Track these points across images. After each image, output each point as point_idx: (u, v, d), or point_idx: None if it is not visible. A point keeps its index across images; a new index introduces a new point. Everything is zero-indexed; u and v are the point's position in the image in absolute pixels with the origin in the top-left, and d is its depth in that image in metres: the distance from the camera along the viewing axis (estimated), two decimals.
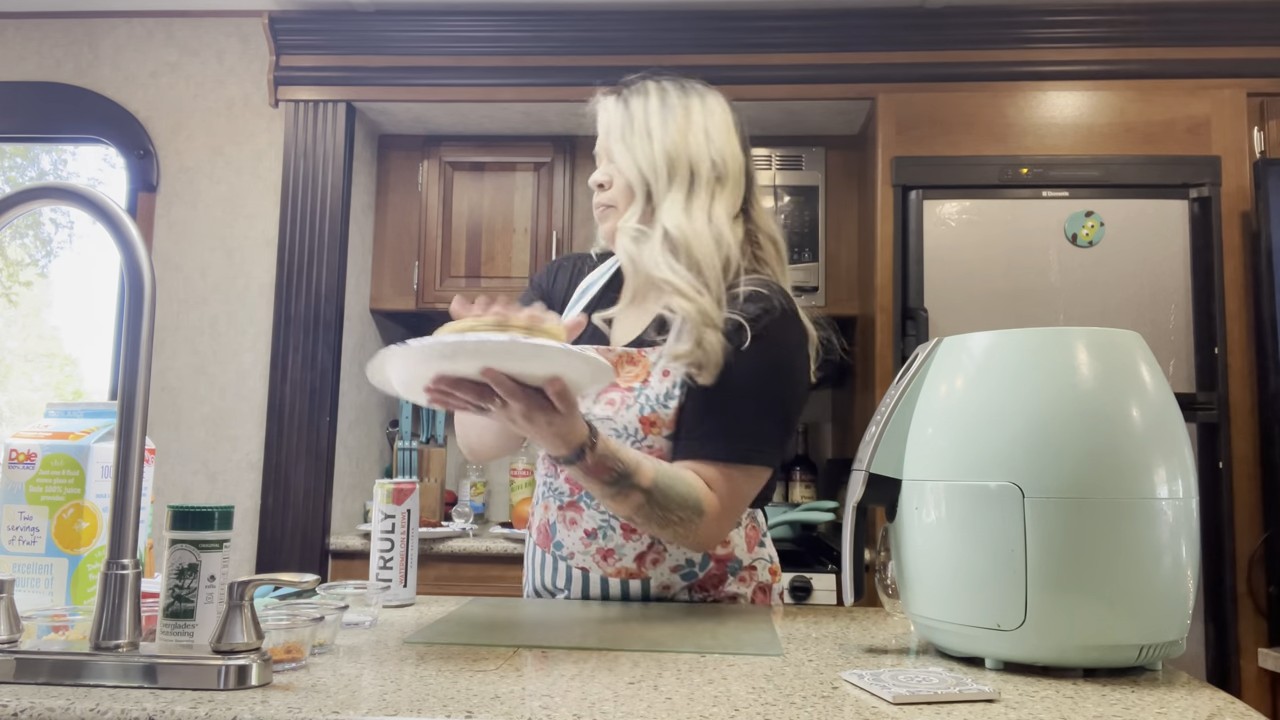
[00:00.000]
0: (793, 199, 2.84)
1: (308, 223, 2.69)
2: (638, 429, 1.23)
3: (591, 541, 1.27)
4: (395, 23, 2.71)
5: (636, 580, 1.26)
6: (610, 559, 1.27)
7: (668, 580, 1.27)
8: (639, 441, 1.23)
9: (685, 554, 1.27)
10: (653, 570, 1.27)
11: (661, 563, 1.26)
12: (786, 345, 1.25)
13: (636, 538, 1.26)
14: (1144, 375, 0.90)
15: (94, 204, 0.88)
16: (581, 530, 1.28)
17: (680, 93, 1.34)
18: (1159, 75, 2.55)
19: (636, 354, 1.27)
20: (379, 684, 0.80)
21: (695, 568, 1.28)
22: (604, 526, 1.27)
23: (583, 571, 1.28)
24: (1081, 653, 0.86)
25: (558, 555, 1.30)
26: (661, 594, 1.28)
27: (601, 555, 1.27)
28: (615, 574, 1.27)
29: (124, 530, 0.85)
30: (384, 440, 3.06)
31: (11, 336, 3.82)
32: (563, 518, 1.30)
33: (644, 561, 1.26)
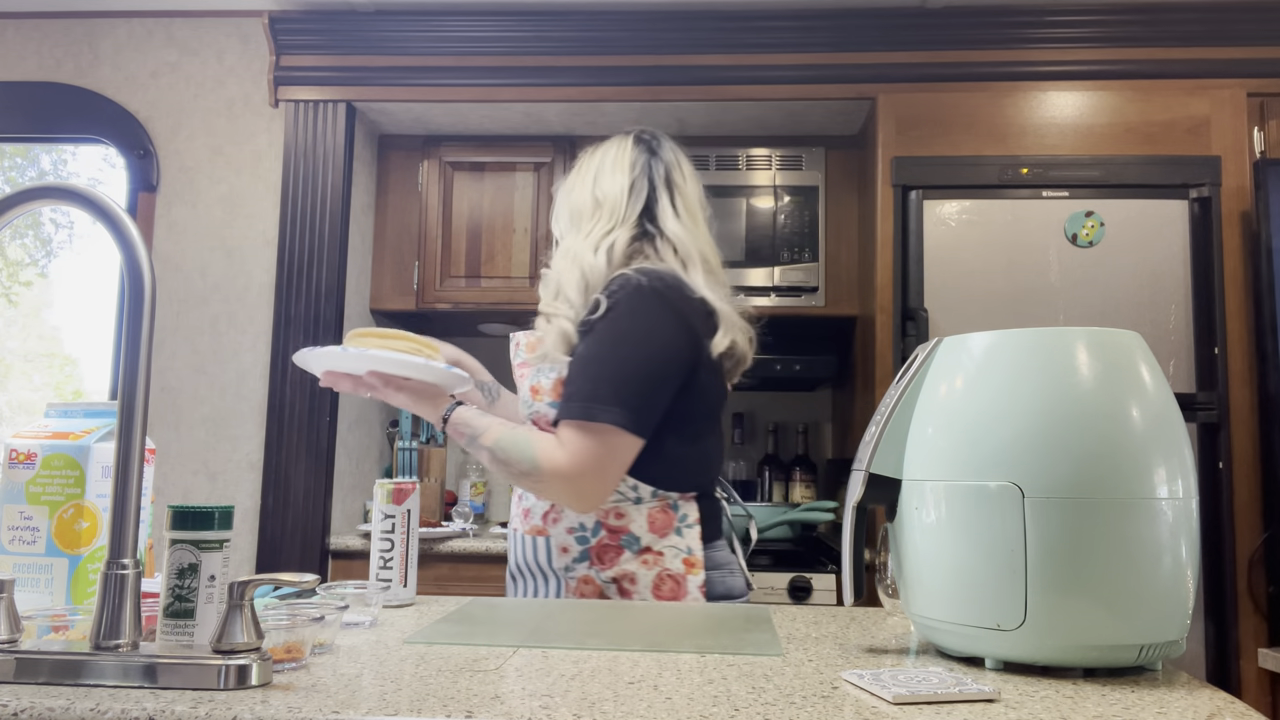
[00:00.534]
0: (793, 199, 2.84)
1: (308, 223, 2.69)
2: (528, 395, 1.45)
3: (518, 504, 1.49)
4: (395, 23, 2.71)
5: (542, 537, 1.44)
6: (528, 517, 1.47)
7: (564, 541, 1.43)
8: (530, 407, 1.44)
9: (577, 518, 1.42)
10: (552, 528, 1.43)
11: (560, 522, 1.43)
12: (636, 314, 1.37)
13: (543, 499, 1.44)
14: (1144, 375, 0.90)
15: (94, 204, 0.88)
16: (516, 495, 1.51)
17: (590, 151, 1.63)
18: (1159, 75, 2.55)
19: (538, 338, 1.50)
20: (379, 684, 0.80)
21: (587, 533, 1.42)
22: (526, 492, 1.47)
23: (514, 531, 1.49)
24: (1081, 653, 0.86)
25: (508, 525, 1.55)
26: (562, 555, 1.43)
27: (523, 514, 1.48)
28: (530, 531, 1.46)
29: (124, 530, 0.85)
30: (384, 440, 3.06)
31: (11, 336, 3.82)
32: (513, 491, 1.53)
33: (547, 519, 1.44)
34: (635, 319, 1.36)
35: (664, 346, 1.37)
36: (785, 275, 2.80)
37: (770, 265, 2.80)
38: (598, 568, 1.41)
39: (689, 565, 1.41)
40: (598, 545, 1.41)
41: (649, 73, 2.69)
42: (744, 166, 2.86)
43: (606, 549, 1.41)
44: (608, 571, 1.40)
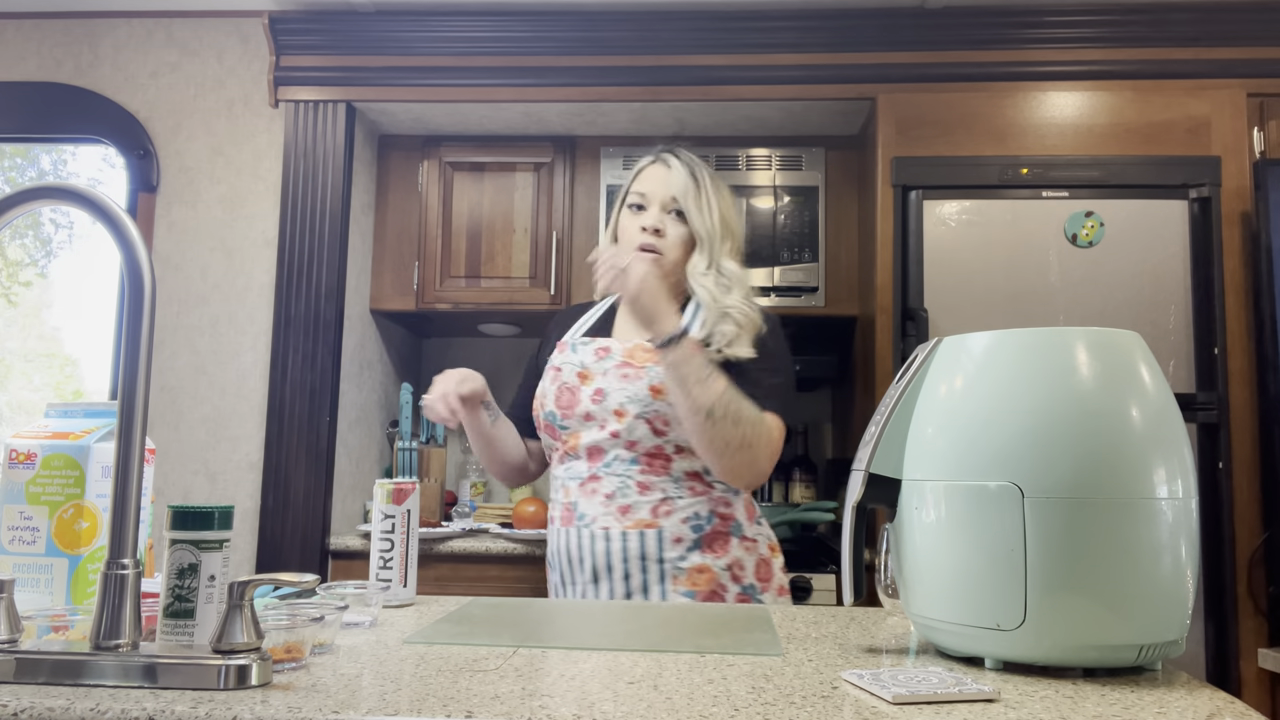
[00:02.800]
0: (793, 199, 2.84)
1: (308, 223, 2.69)
2: (646, 395, 1.49)
3: (611, 502, 1.50)
4: (395, 23, 2.71)
5: (652, 530, 1.48)
6: (628, 514, 1.49)
7: (679, 531, 1.48)
8: (649, 405, 1.49)
9: (692, 506, 1.50)
10: (665, 521, 1.48)
11: (673, 514, 1.49)
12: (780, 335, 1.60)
13: (649, 493, 1.49)
14: (1144, 375, 0.90)
15: (94, 204, 0.88)
16: (602, 495, 1.51)
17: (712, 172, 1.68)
18: (1159, 75, 2.55)
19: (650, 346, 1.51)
20: (379, 684, 0.80)
21: (702, 521, 1.50)
22: (621, 487, 1.50)
23: (604, 530, 1.49)
24: (1081, 653, 0.86)
25: (580, 525, 1.52)
26: (675, 546, 1.48)
27: (621, 512, 1.49)
28: (633, 526, 1.48)
29: (124, 530, 0.85)
30: (384, 440, 3.06)
31: (11, 336, 3.82)
32: (583, 491, 1.53)
33: (657, 513, 1.49)
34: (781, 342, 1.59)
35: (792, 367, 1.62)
36: (785, 275, 2.80)
37: (770, 265, 2.80)
38: (711, 556, 1.49)
39: (772, 549, 1.59)
40: (710, 533, 1.50)
41: (649, 73, 2.69)
42: (744, 166, 2.86)
43: (717, 536, 1.51)
44: (722, 559, 1.50)
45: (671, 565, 1.48)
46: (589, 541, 1.51)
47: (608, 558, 1.49)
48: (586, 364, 1.57)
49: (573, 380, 1.57)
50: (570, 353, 1.61)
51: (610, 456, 1.52)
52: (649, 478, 1.50)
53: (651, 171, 1.65)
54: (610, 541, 1.49)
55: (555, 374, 1.60)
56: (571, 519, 1.53)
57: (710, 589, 1.48)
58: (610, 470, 1.52)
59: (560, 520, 1.56)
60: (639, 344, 1.55)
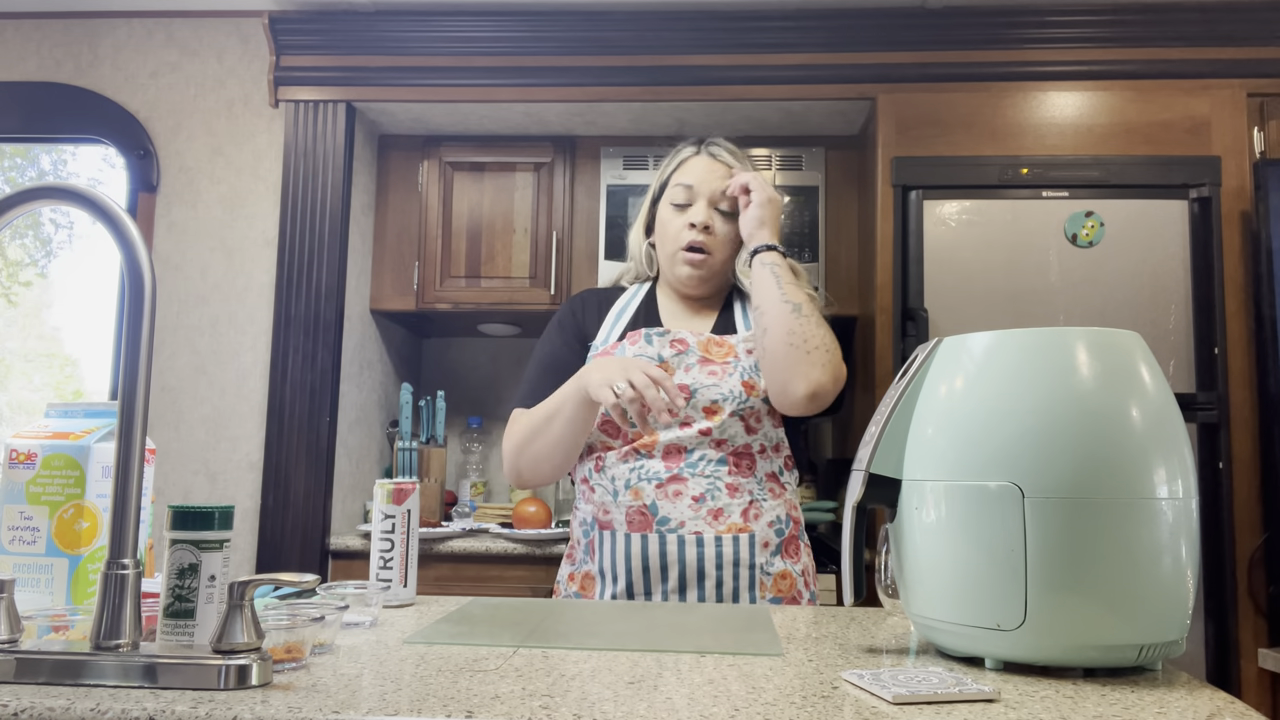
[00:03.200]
0: (793, 199, 2.84)
1: (308, 223, 2.69)
2: (740, 391, 1.44)
3: (700, 505, 1.41)
4: (395, 23, 2.71)
5: (745, 535, 1.41)
6: (720, 518, 1.41)
7: (766, 535, 1.43)
8: (743, 401, 1.44)
9: (775, 510, 1.45)
10: (755, 524, 1.42)
11: (761, 517, 1.43)
12: None
13: (739, 495, 1.43)
14: (1144, 375, 0.90)
15: (94, 204, 0.88)
16: (689, 498, 1.41)
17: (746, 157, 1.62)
18: (1159, 75, 2.55)
19: (721, 339, 1.50)
20: (379, 684, 0.80)
21: (783, 525, 1.46)
22: (710, 490, 1.42)
23: (696, 536, 1.40)
24: (1081, 653, 0.86)
25: (664, 531, 1.41)
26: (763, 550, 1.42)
27: (712, 515, 1.41)
28: (726, 531, 1.41)
29: (124, 530, 0.85)
30: (384, 440, 3.06)
31: (11, 336, 3.82)
32: (664, 493, 1.42)
33: (747, 516, 1.42)
34: None
35: None
36: None
37: None
38: (790, 561, 1.46)
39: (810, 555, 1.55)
40: (789, 537, 1.47)
41: (649, 73, 2.69)
42: None
43: (792, 540, 1.48)
44: (798, 565, 1.47)
45: (761, 570, 1.42)
46: (677, 548, 1.40)
47: (700, 564, 1.39)
48: (665, 357, 1.47)
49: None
50: (645, 344, 1.49)
51: (696, 456, 1.43)
52: (737, 479, 1.43)
53: (697, 163, 1.56)
54: (704, 547, 1.40)
55: None
56: (650, 523, 1.41)
57: (790, 595, 1.45)
58: (696, 471, 1.42)
59: (627, 525, 1.43)
60: (711, 338, 1.49)
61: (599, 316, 1.59)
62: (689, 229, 1.51)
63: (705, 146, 1.58)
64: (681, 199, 1.54)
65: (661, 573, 1.40)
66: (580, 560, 1.52)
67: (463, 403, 3.25)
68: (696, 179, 1.54)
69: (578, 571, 1.52)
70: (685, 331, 1.51)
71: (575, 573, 1.52)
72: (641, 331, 1.51)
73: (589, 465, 1.50)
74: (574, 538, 1.56)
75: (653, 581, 1.41)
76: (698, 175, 1.54)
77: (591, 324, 1.59)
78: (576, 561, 1.53)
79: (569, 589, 1.52)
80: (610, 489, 1.45)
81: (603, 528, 1.45)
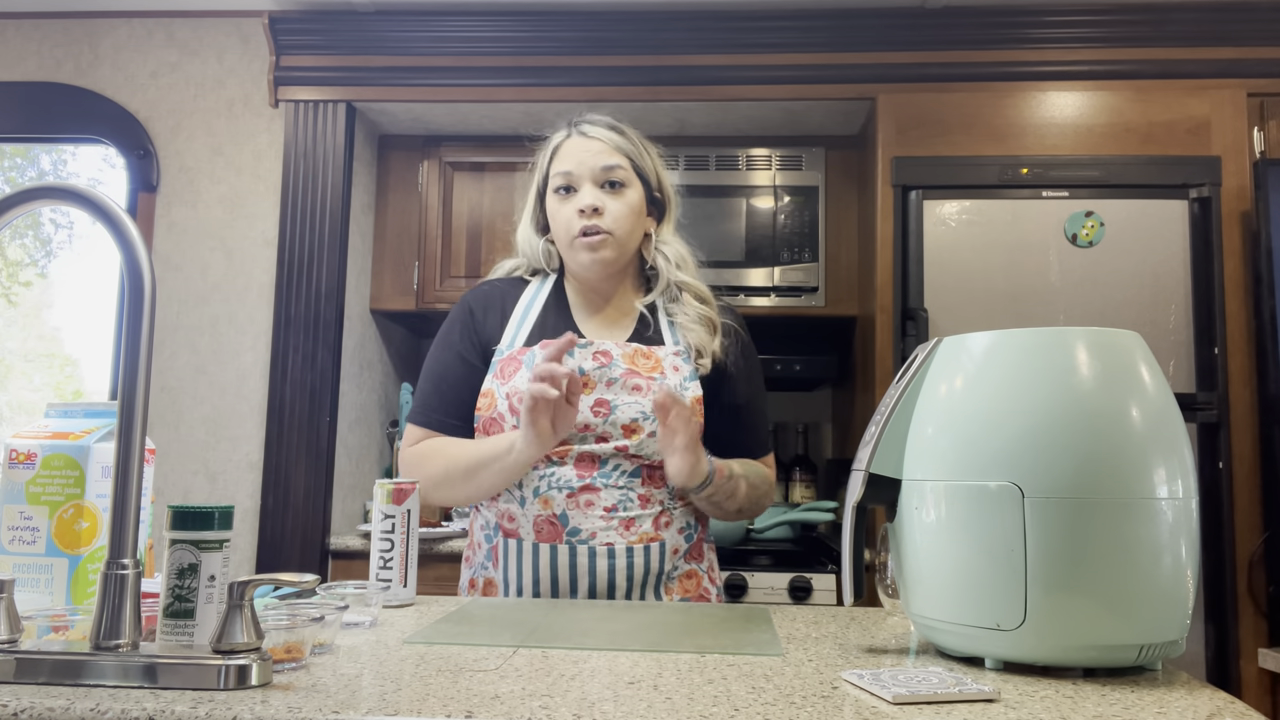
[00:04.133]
0: (793, 199, 2.84)
1: (308, 223, 2.69)
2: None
3: (613, 516, 1.38)
4: (395, 23, 2.71)
5: (655, 543, 1.39)
6: (632, 528, 1.38)
7: (676, 542, 1.42)
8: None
9: (685, 516, 1.45)
10: (666, 532, 1.41)
11: (672, 524, 1.42)
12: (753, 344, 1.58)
13: (650, 504, 1.40)
14: (1144, 375, 0.90)
15: (94, 204, 0.88)
16: (601, 508, 1.37)
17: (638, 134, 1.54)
18: (1159, 75, 2.55)
19: (649, 351, 1.45)
20: (379, 684, 0.80)
21: (691, 530, 1.46)
22: (623, 500, 1.38)
23: (608, 547, 1.36)
24: (1081, 653, 0.86)
25: (574, 541, 1.36)
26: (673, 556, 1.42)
27: (624, 525, 1.38)
28: (638, 540, 1.38)
29: (124, 530, 0.85)
30: (384, 440, 3.06)
31: (11, 336, 3.82)
32: (575, 503, 1.37)
33: (659, 525, 1.40)
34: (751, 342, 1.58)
35: None
36: (785, 275, 2.80)
37: (770, 265, 2.80)
38: (695, 561, 1.46)
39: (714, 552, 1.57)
40: (697, 541, 1.48)
41: (649, 73, 2.69)
42: (744, 166, 2.86)
43: (699, 543, 1.49)
44: (703, 563, 1.48)
45: (666, 577, 1.42)
46: (587, 560, 1.35)
47: (610, 575, 1.36)
48: (586, 369, 1.40)
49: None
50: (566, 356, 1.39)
51: (610, 466, 1.39)
52: (649, 489, 1.40)
53: (571, 146, 1.48)
54: (615, 559, 1.36)
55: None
56: (559, 534, 1.36)
57: (698, 594, 1.45)
58: (609, 481, 1.38)
59: (535, 534, 1.37)
60: (638, 348, 1.44)
61: (501, 319, 1.50)
62: (579, 216, 1.44)
63: (574, 127, 1.50)
64: (562, 184, 1.47)
65: (571, 585, 1.36)
66: (480, 565, 1.46)
67: None
68: (574, 163, 1.46)
69: (478, 577, 1.45)
70: (609, 342, 1.44)
71: (476, 578, 1.46)
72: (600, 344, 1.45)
73: None
74: (473, 540, 1.50)
75: (561, 593, 1.37)
76: (574, 159, 1.46)
77: (494, 328, 1.49)
78: (475, 566, 1.47)
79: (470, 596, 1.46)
80: (517, 496, 1.39)
81: (507, 535, 1.40)
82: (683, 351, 1.46)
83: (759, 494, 1.49)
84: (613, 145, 1.47)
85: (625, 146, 1.48)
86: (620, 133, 1.49)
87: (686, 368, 1.44)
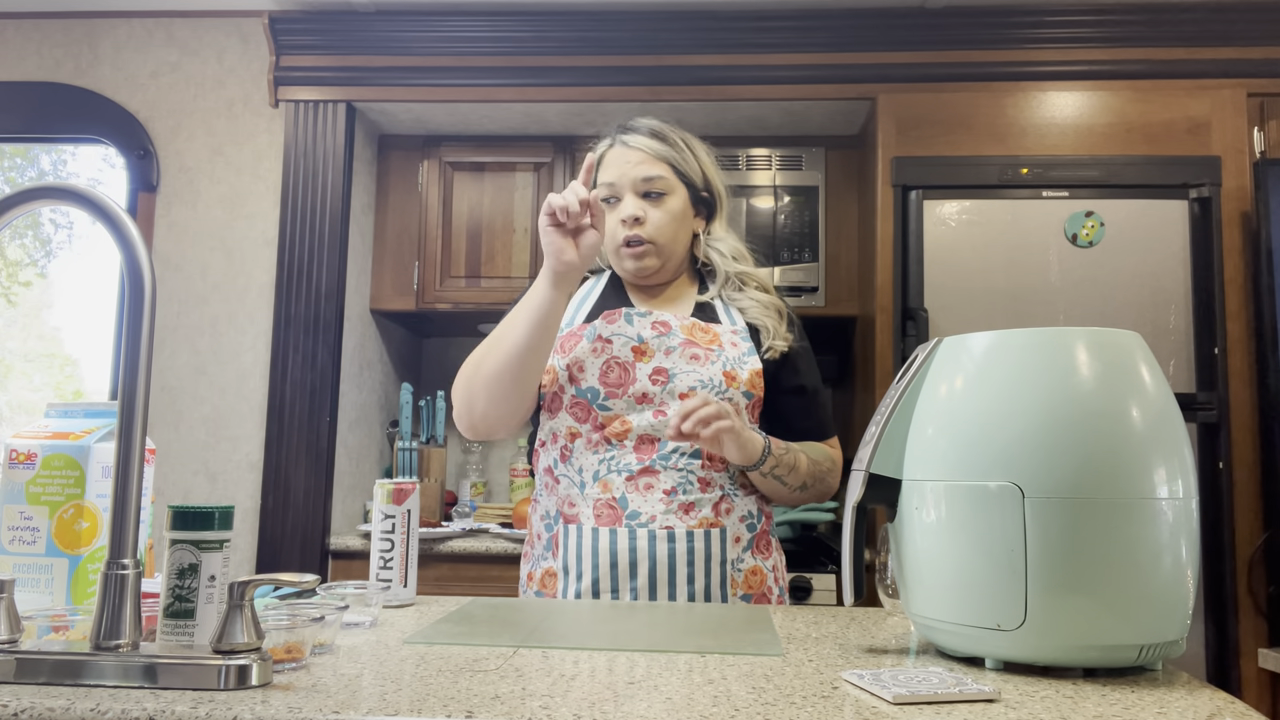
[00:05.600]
0: (793, 199, 2.84)
1: (308, 223, 2.69)
2: (721, 380, 1.41)
3: (672, 499, 1.37)
4: (395, 23, 2.71)
5: (716, 529, 1.38)
6: (692, 512, 1.37)
7: (737, 531, 1.41)
8: (722, 392, 1.40)
9: (747, 505, 1.43)
10: (727, 519, 1.40)
11: (733, 511, 1.41)
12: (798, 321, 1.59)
13: (711, 489, 1.39)
14: (1144, 375, 0.90)
15: (94, 204, 0.88)
16: (660, 491, 1.37)
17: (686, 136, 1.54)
18: (1159, 75, 2.55)
19: (706, 326, 1.47)
20: (379, 684, 0.80)
21: (754, 519, 1.44)
22: (682, 483, 1.38)
23: (667, 530, 1.36)
24: (1081, 653, 0.86)
25: (634, 525, 1.36)
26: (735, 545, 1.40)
27: (683, 509, 1.37)
28: (698, 525, 1.37)
29: (124, 530, 0.85)
30: (384, 440, 3.06)
31: (11, 336, 3.82)
32: (635, 486, 1.37)
33: (719, 511, 1.39)
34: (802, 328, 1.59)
35: None
36: (785, 275, 2.80)
37: (770, 265, 2.80)
38: (760, 557, 1.43)
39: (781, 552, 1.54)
40: (760, 532, 1.45)
41: (649, 73, 2.69)
42: (744, 166, 2.86)
43: (763, 536, 1.46)
44: (768, 561, 1.45)
45: (732, 566, 1.39)
46: (647, 543, 1.35)
47: (671, 560, 1.35)
48: (646, 338, 1.41)
49: (626, 355, 1.40)
50: (625, 323, 1.43)
51: (669, 448, 1.38)
52: (710, 473, 1.39)
53: (613, 156, 1.50)
54: (675, 543, 1.35)
55: (602, 345, 1.41)
56: (619, 517, 1.36)
57: (761, 591, 1.42)
58: (669, 463, 1.38)
59: (594, 518, 1.37)
60: (696, 322, 1.46)
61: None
62: (621, 226, 1.46)
63: (617, 137, 1.51)
64: (606, 195, 1.49)
65: (631, 569, 1.35)
66: (539, 557, 1.45)
67: None
68: (616, 174, 1.48)
69: (536, 569, 1.45)
70: (668, 314, 1.46)
71: (534, 571, 1.45)
72: (621, 311, 1.45)
73: (554, 454, 1.43)
74: (533, 533, 1.50)
75: (620, 578, 1.35)
76: (616, 170, 1.48)
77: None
78: (533, 559, 1.47)
79: (529, 590, 1.45)
80: (577, 480, 1.40)
81: (567, 521, 1.40)
82: (740, 330, 1.48)
83: (822, 470, 1.46)
84: (653, 154, 1.48)
85: (666, 154, 1.48)
86: (662, 138, 1.50)
87: (745, 344, 1.46)
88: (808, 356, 1.55)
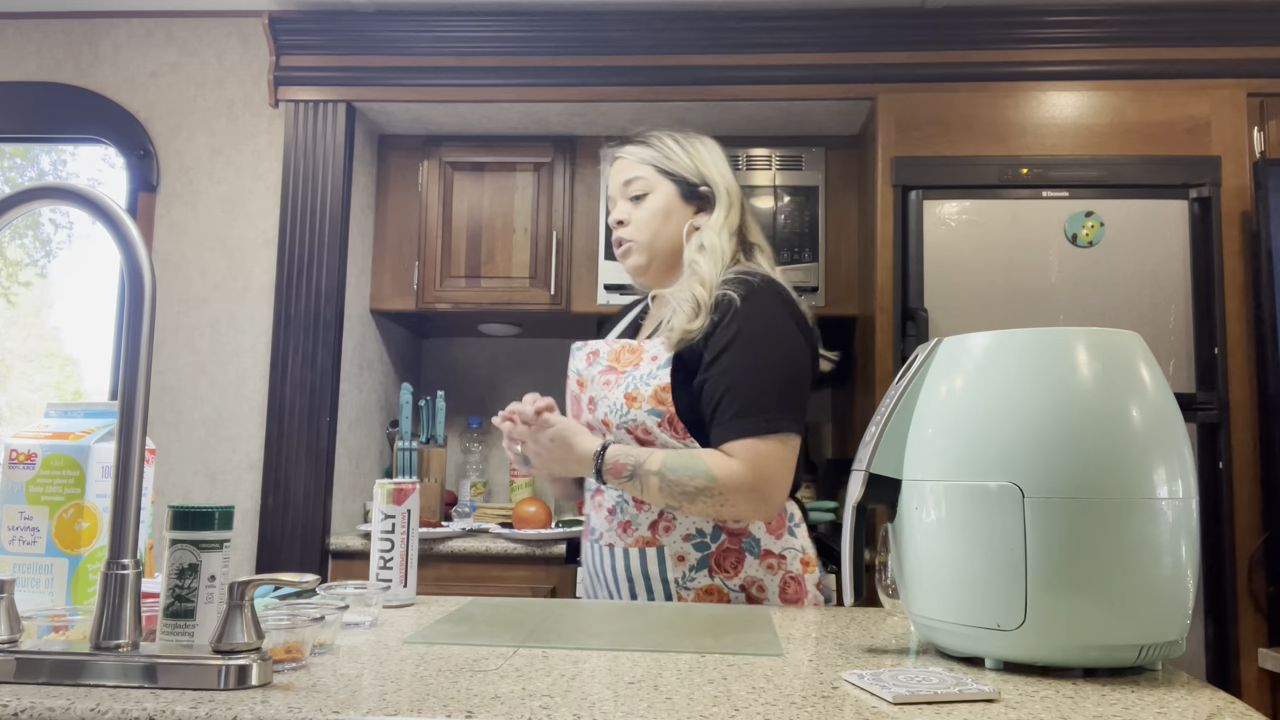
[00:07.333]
0: (793, 199, 2.84)
1: (308, 223, 2.69)
2: (621, 404, 1.40)
3: (613, 517, 1.43)
4: (395, 23, 2.71)
5: (653, 548, 1.39)
6: (629, 530, 1.41)
7: (680, 549, 1.38)
8: (625, 415, 1.39)
9: (695, 523, 1.38)
10: (665, 537, 1.39)
11: (673, 530, 1.39)
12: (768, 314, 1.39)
13: (648, 508, 1.40)
14: (1144, 375, 0.90)
15: (94, 204, 0.88)
16: (605, 510, 1.44)
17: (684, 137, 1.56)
18: (1159, 75, 2.55)
19: (636, 345, 1.45)
20: (379, 684, 0.80)
21: (706, 539, 1.38)
22: (620, 501, 1.42)
23: (609, 547, 1.43)
24: (1081, 653, 0.86)
25: (591, 541, 1.48)
26: (678, 565, 1.37)
27: (621, 528, 1.42)
28: (634, 544, 1.40)
29: (124, 530, 0.85)
30: (384, 440, 3.06)
31: (11, 336, 3.82)
32: (593, 504, 1.48)
33: (657, 529, 1.39)
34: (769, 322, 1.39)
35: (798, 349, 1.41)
36: (785, 275, 2.77)
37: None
38: (721, 575, 1.38)
39: (805, 565, 1.44)
40: (718, 551, 1.38)
41: (649, 73, 2.69)
42: (744, 167, 2.86)
43: (727, 554, 1.38)
44: (735, 579, 1.38)
45: (677, 585, 1.37)
46: (599, 558, 1.46)
47: (613, 575, 1.43)
48: (581, 370, 1.49)
49: (574, 388, 1.51)
50: (571, 358, 1.54)
51: None
52: None
53: (608, 173, 1.61)
54: (615, 559, 1.42)
55: (567, 383, 1.55)
56: (588, 532, 1.50)
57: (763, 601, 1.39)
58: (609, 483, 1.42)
59: (585, 532, 1.53)
60: (626, 344, 1.45)
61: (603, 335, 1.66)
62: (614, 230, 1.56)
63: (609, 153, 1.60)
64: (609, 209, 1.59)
65: (598, 578, 1.47)
66: None
67: (463, 403, 3.25)
68: (611, 188, 1.58)
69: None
70: (600, 341, 1.53)
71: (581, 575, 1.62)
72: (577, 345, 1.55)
73: None
74: None
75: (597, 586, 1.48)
76: (610, 184, 1.58)
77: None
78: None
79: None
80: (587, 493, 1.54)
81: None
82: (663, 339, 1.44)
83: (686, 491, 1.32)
84: (635, 159, 1.54)
85: (646, 155, 1.53)
86: (643, 142, 1.54)
87: (664, 355, 1.39)
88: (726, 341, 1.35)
